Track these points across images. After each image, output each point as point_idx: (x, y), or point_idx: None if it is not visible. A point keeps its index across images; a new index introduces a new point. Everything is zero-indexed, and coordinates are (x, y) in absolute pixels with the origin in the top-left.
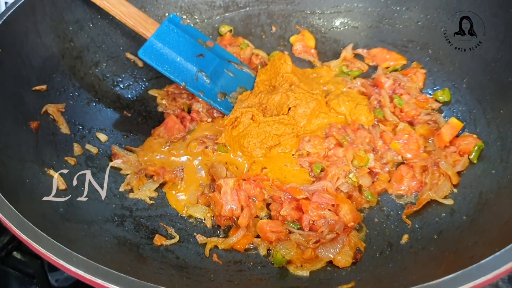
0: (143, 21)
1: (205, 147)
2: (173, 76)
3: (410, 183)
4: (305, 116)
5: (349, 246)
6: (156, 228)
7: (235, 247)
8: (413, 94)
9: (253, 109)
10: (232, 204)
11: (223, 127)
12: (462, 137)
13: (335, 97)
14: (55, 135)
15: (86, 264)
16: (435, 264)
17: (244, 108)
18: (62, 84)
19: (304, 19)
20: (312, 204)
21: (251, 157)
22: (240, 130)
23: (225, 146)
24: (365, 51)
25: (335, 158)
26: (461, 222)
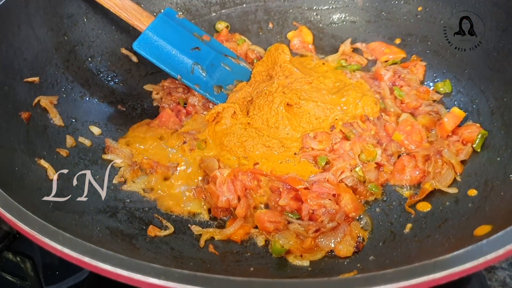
0: (138, 14)
1: (183, 143)
2: (168, 69)
3: (412, 173)
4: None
5: (350, 236)
6: (151, 220)
7: (232, 238)
8: (414, 85)
9: (235, 105)
10: (228, 194)
11: (205, 122)
12: (465, 126)
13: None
14: (47, 126)
15: (73, 242)
16: (441, 250)
17: (226, 104)
18: (55, 77)
19: (301, 15)
20: (312, 193)
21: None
22: (223, 126)
23: (205, 143)
24: (363, 45)
25: (341, 151)
26: (467, 209)
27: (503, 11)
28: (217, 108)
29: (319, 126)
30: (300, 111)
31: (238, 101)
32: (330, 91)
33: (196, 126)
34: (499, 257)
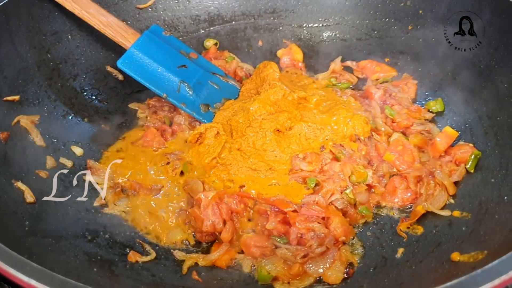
0: (123, 31)
1: (166, 163)
2: (153, 87)
3: (404, 195)
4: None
5: (340, 261)
6: (132, 245)
7: (216, 264)
8: (405, 104)
9: (218, 125)
10: (213, 218)
11: (188, 143)
12: (457, 147)
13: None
14: (26, 147)
15: (40, 273)
16: (434, 277)
17: (209, 124)
18: (37, 95)
19: (291, 33)
20: (301, 216)
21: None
22: (206, 147)
23: (190, 164)
24: (354, 63)
25: (331, 173)
26: (461, 233)
27: (495, 30)
28: (200, 128)
29: (309, 146)
30: (290, 133)
31: (222, 121)
32: (321, 110)
33: (180, 146)
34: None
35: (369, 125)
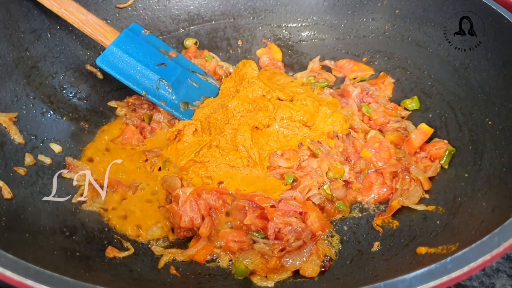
0: (102, 29)
1: (145, 160)
2: (132, 85)
3: (380, 190)
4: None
5: (316, 255)
6: (110, 241)
7: (195, 259)
8: (381, 102)
9: (197, 122)
10: (191, 214)
11: (167, 140)
12: (432, 143)
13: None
14: (4, 143)
15: (15, 264)
16: (408, 269)
17: (188, 121)
18: (15, 93)
19: (270, 32)
20: (278, 211)
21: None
22: (185, 144)
23: (169, 162)
24: (332, 63)
25: (309, 169)
26: (435, 226)
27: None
28: (178, 125)
29: (287, 144)
30: (268, 130)
31: (201, 119)
32: (299, 108)
33: (159, 143)
34: (464, 274)
35: (348, 122)
